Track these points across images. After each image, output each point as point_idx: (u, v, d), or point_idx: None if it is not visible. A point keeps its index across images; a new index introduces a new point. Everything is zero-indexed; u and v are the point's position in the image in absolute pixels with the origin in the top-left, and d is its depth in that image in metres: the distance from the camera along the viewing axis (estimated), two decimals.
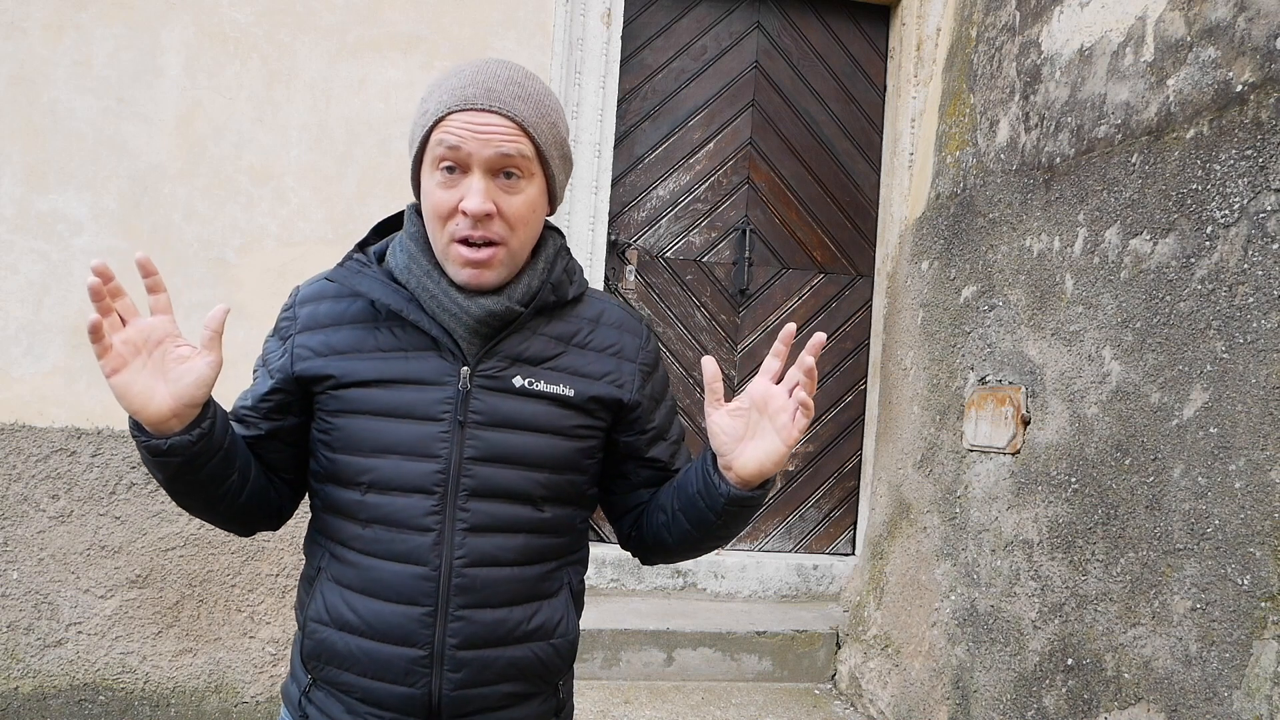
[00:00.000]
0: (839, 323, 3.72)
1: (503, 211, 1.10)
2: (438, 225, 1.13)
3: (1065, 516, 2.26)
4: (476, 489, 1.13)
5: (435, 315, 1.14)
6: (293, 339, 1.19)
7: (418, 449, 1.12)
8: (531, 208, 1.14)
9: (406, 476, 1.12)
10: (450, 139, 1.09)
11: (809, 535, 3.68)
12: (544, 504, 1.17)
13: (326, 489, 1.17)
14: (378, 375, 1.14)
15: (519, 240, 1.14)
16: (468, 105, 1.09)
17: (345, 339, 1.17)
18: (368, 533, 1.13)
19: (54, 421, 2.84)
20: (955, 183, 3.00)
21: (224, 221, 2.97)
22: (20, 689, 2.76)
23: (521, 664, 1.16)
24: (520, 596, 1.16)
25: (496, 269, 1.13)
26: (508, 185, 1.11)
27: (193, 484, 1.10)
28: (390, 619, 1.11)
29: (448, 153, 1.09)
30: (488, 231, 1.10)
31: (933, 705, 2.68)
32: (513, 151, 1.10)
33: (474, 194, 1.09)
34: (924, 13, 3.46)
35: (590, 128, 3.37)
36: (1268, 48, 1.84)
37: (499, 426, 1.14)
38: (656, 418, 1.28)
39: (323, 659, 1.16)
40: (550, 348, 1.19)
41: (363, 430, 1.13)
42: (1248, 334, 1.81)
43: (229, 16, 3.00)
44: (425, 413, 1.13)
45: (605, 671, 3.02)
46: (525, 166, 1.11)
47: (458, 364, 1.14)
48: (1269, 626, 1.69)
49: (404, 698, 1.12)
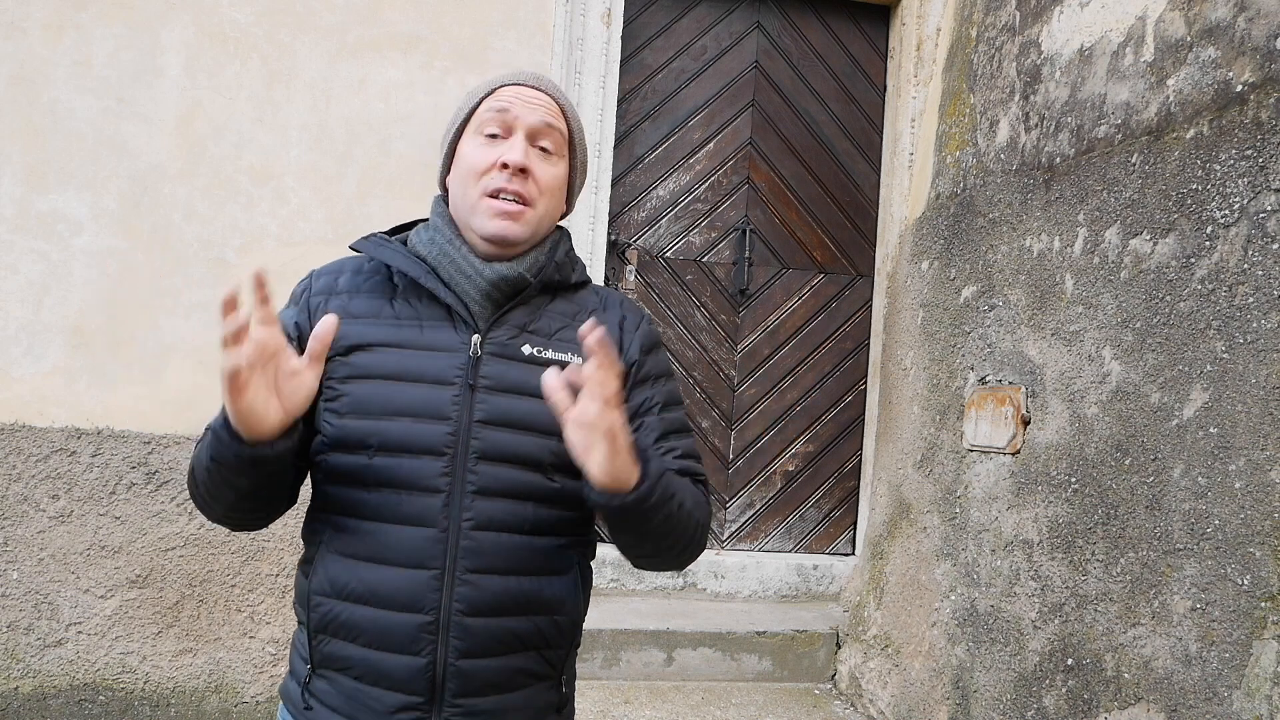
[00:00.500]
0: (839, 323, 3.72)
1: (535, 175, 1.20)
2: (472, 181, 1.20)
3: (1065, 516, 2.26)
4: (485, 451, 1.14)
5: (451, 281, 1.20)
6: (307, 299, 1.22)
7: (429, 411, 1.14)
8: (559, 183, 1.24)
9: (417, 438, 1.13)
10: (500, 104, 1.21)
11: (809, 535, 3.68)
12: (553, 472, 1.17)
13: (331, 458, 1.16)
14: (390, 340, 1.17)
15: (543, 208, 1.22)
16: (519, 81, 1.24)
17: (361, 306, 1.21)
18: (375, 497, 1.14)
19: (54, 421, 2.84)
20: (955, 183, 3.00)
21: (224, 221, 2.97)
22: (20, 689, 2.76)
23: (525, 636, 1.16)
24: (529, 567, 1.16)
25: (523, 224, 1.20)
26: (543, 156, 1.22)
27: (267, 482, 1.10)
28: (397, 583, 1.12)
29: (495, 115, 1.20)
30: (522, 188, 1.19)
31: (933, 705, 2.68)
32: (554, 124, 1.22)
33: (516, 147, 1.19)
34: (924, 13, 3.46)
35: (590, 128, 3.37)
36: (1268, 48, 1.84)
37: (508, 392, 1.17)
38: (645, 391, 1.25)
39: (327, 631, 1.15)
40: (557, 321, 1.24)
41: (373, 393, 1.15)
42: (1248, 334, 1.81)
43: (229, 16, 3.00)
44: (437, 376, 1.16)
45: (605, 671, 3.02)
46: (559, 145, 1.23)
47: (469, 332, 1.18)
48: (1269, 626, 1.69)
49: (408, 670, 1.12)
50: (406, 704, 1.13)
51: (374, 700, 1.14)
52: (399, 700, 1.13)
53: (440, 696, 1.13)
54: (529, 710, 1.20)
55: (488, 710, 1.15)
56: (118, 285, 2.90)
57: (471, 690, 1.14)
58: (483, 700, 1.15)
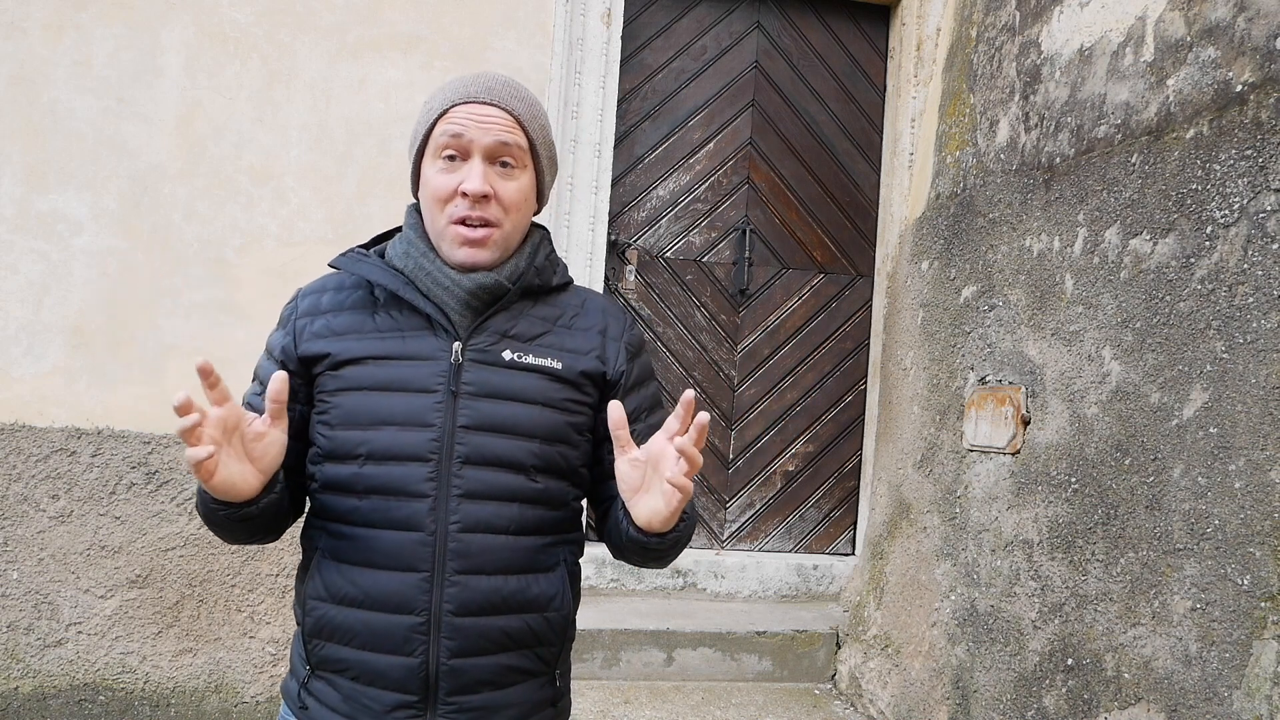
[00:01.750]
0: (839, 323, 3.72)
1: (498, 195, 1.20)
2: (437, 209, 1.21)
3: (1065, 516, 2.26)
4: (470, 456, 1.18)
5: (429, 293, 1.22)
6: (294, 323, 1.26)
7: (413, 419, 1.17)
8: (524, 195, 1.24)
9: (403, 445, 1.17)
10: (454, 128, 1.19)
11: (809, 535, 3.68)
12: (536, 474, 1.21)
13: (325, 468, 1.21)
14: (375, 353, 1.20)
15: (511, 223, 1.23)
16: (470, 99, 1.20)
17: (345, 322, 1.24)
18: (365, 504, 1.17)
19: (54, 421, 2.84)
20: (955, 183, 3.00)
21: (224, 221, 2.97)
22: (20, 689, 2.76)
23: (515, 634, 1.19)
24: (515, 566, 1.19)
25: (491, 249, 1.21)
26: (503, 173, 1.21)
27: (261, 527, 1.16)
28: (388, 586, 1.15)
29: (450, 140, 1.19)
30: (485, 213, 1.19)
31: (933, 705, 2.68)
32: (510, 141, 1.20)
33: (474, 176, 1.18)
34: (924, 13, 3.46)
35: (590, 128, 3.37)
36: (1268, 48, 1.84)
37: (490, 397, 1.20)
38: (634, 398, 1.31)
39: (322, 635, 1.18)
40: (537, 326, 1.26)
41: (360, 404, 1.19)
42: (1248, 334, 1.81)
43: (229, 16, 3.00)
44: (420, 385, 1.19)
45: (605, 671, 3.02)
46: (519, 157, 1.22)
47: (450, 340, 1.21)
48: (1269, 626, 1.69)
49: (402, 670, 1.15)
50: (402, 703, 1.16)
51: (370, 700, 1.16)
52: (394, 699, 1.16)
53: (434, 695, 1.16)
54: (523, 706, 1.22)
55: (481, 707, 1.18)
56: (118, 285, 2.90)
57: (465, 688, 1.17)
58: (476, 697, 1.17)
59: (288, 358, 1.23)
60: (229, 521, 1.11)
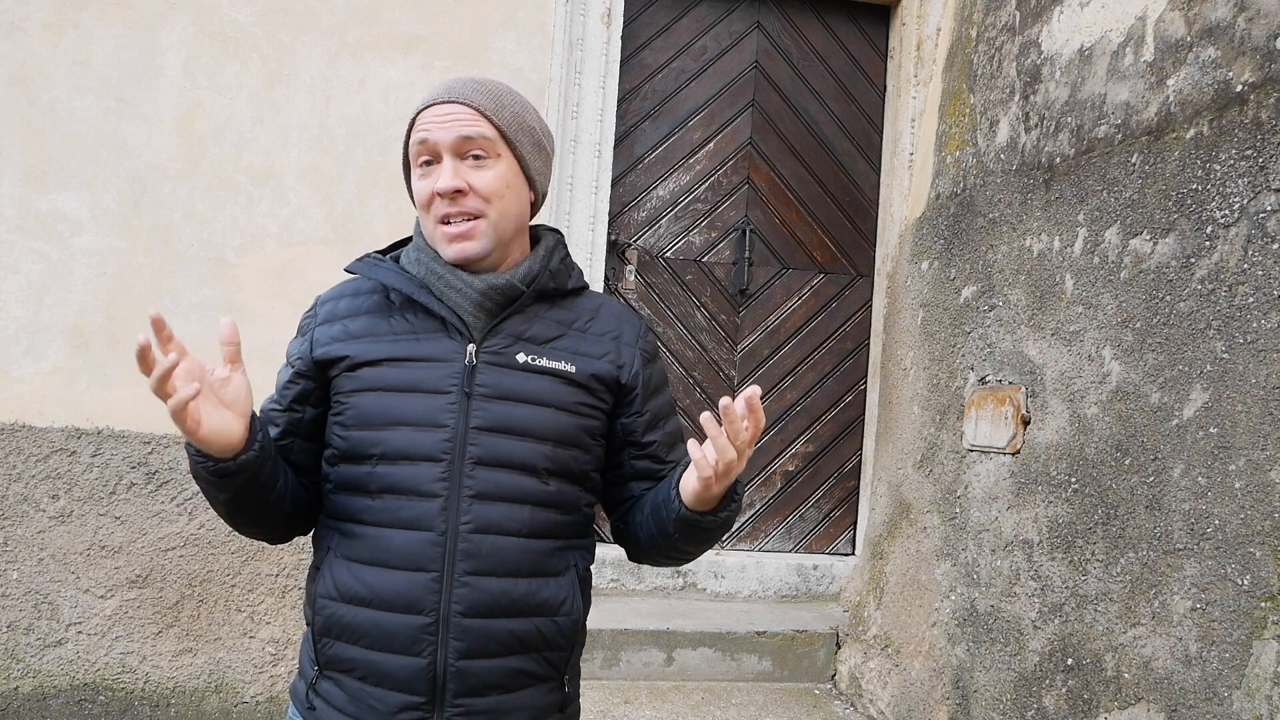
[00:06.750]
0: (839, 323, 3.72)
1: (474, 186, 1.20)
2: (424, 215, 1.24)
3: (1065, 516, 2.26)
4: (482, 457, 1.18)
5: (443, 296, 1.23)
6: (313, 330, 1.28)
7: (426, 420, 1.18)
8: (504, 182, 1.22)
9: (416, 446, 1.18)
10: (420, 134, 1.21)
11: (809, 535, 3.68)
12: (549, 477, 1.21)
13: (339, 469, 1.22)
14: (390, 355, 1.22)
15: (497, 211, 1.22)
16: (432, 102, 1.23)
17: (361, 326, 1.25)
18: (377, 503, 1.18)
19: (54, 421, 2.84)
20: (955, 183, 3.00)
21: (224, 221, 2.97)
22: (20, 689, 2.76)
23: (524, 636, 1.19)
24: (525, 569, 1.19)
25: (479, 239, 1.21)
26: (475, 164, 1.21)
27: (253, 496, 1.16)
28: (398, 585, 1.16)
29: (421, 148, 1.21)
30: (464, 208, 1.20)
31: (933, 705, 2.68)
32: (472, 134, 1.20)
33: (444, 175, 1.20)
34: (924, 13, 3.46)
35: (590, 128, 3.37)
36: (1268, 48, 1.84)
37: (504, 399, 1.20)
38: (653, 404, 1.33)
39: (331, 634, 1.19)
40: (552, 329, 1.27)
41: (375, 405, 1.20)
42: (1248, 334, 1.81)
43: (229, 16, 3.00)
44: (434, 387, 1.20)
45: (605, 671, 3.02)
46: (488, 147, 1.21)
47: (464, 342, 1.22)
48: (1269, 626, 1.69)
49: (410, 670, 1.15)
50: (408, 704, 1.15)
51: (377, 701, 1.16)
52: (401, 700, 1.16)
53: (441, 697, 1.16)
54: (530, 710, 1.21)
55: (488, 710, 1.17)
56: (117, 285, 2.90)
57: (472, 690, 1.16)
58: (483, 700, 1.17)
59: (305, 363, 1.25)
60: (209, 476, 1.10)
